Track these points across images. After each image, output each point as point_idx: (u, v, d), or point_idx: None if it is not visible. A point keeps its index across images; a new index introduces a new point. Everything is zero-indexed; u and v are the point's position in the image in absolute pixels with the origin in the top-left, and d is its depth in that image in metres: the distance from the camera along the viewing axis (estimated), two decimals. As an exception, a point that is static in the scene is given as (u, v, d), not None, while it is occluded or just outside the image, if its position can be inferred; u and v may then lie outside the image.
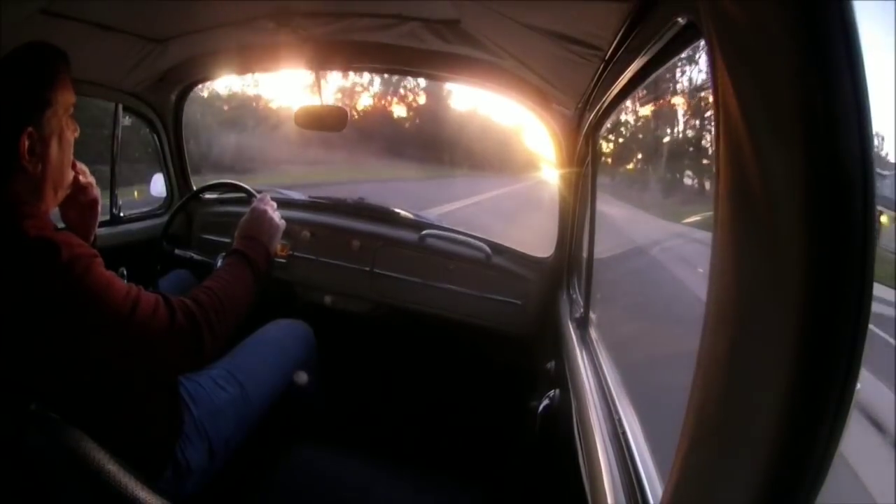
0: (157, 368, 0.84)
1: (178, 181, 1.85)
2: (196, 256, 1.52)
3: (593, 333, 1.13)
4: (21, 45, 0.78)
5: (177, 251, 1.45)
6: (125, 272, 1.27)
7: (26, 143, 0.75)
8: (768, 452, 0.30)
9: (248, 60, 1.60)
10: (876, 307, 0.28)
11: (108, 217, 1.67)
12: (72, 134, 0.83)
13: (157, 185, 1.84)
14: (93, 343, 0.74)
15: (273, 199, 1.13)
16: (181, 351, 0.80)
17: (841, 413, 0.28)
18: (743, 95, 0.33)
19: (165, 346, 0.78)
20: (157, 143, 1.79)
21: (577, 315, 1.20)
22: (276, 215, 1.09)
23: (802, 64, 0.28)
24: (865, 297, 0.27)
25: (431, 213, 1.95)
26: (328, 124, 1.52)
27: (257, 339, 1.24)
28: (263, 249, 1.01)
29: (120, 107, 1.63)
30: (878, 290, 0.29)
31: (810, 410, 0.28)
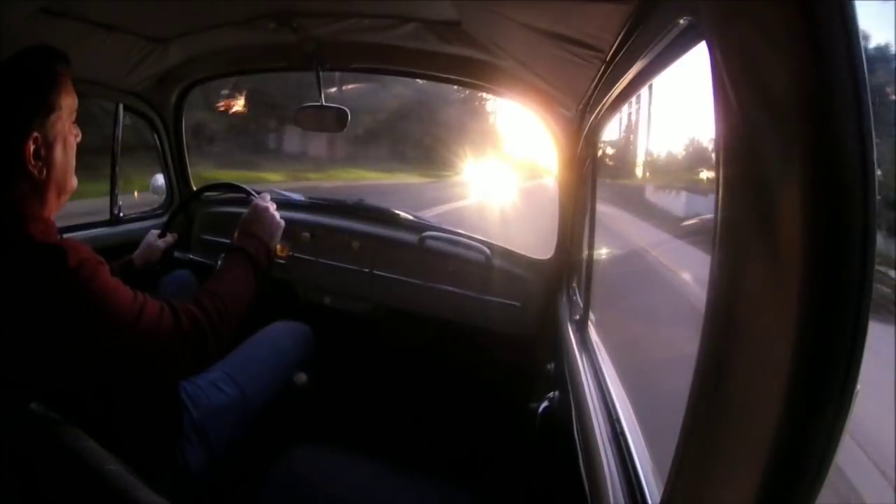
0: (161, 371, 0.85)
1: (178, 181, 1.85)
2: (195, 258, 1.52)
3: (593, 335, 1.13)
4: (23, 49, 0.78)
5: (176, 254, 1.45)
6: None
7: (32, 147, 0.75)
8: (768, 453, 0.30)
9: (248, 60, 1.60)
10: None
11: (108, 217, 1.67)
12: (74, 138, 0.83)
13: (157, 185, 1.84)
14: (99, 348, 0.75)
15: (273, 199, 1.13)
16: (185, 355, 0.81)
17: (841, 413, 0.28)
18: (743, 96, 0.33)
19: (170, 351, 0.79)
20: (158, 142, 1.79)
21: (577, 317, 1.20)
22: (276, 214, 1.09)
23: (802, 64, 0.28)
24: (865, 297, 0.27)
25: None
26: (328, 125, 1.53)
27: (256, 342, 1.24)
28: (264, 247, 1.02)
29: (121, 106, 1.63)
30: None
31: (810, 410, 0.28)
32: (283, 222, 1.10)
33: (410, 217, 1.70)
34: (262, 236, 1.03)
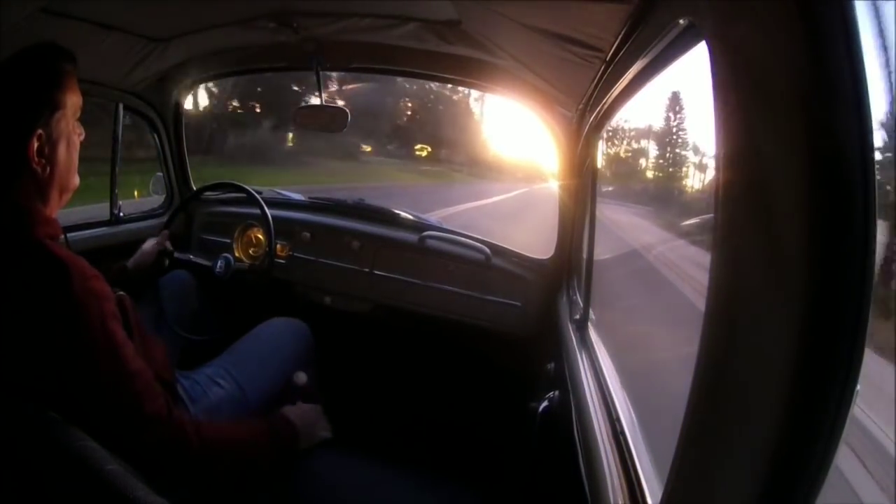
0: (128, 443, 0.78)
1: (178, 181, 1.85)
2: (194, 259, 1.52)
3: (593, 335, 1.13)
4: (29, 45, 0.78)
5: (176, 254, 1.45)
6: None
7: (36, 144, 0.75)
8: (768, 453, 0.30)
9: (248, 60, 1.60)
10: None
11: (108, 217, 1.67)
12: (78, 137, 0.83)
13: (158, 185, 1.84)
14: (84, 371, 0.74)
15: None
16: (160, 446, 0.78)
17: (841, 413, 0.28)
18: (743, 96, 0.33)
19: (148, 431, 0.77)
20: (158, 142, 1.79)
21: (577, 316, 1.20)
22: (324, 421, 1.12)
23: (802, 64, 0.28)
24: (865, 297, 0.27)
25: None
26: (329, 125, 1.53)
27: (254, 337, 1.24)
28: (294, 434, 1.02)
29: (121, 106, 1.63)
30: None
31: (810, 410, 0.28)
32: (328, 431, 1.11)
33: (410, 217, 1.70)
34: (299, 426, 1.03)
